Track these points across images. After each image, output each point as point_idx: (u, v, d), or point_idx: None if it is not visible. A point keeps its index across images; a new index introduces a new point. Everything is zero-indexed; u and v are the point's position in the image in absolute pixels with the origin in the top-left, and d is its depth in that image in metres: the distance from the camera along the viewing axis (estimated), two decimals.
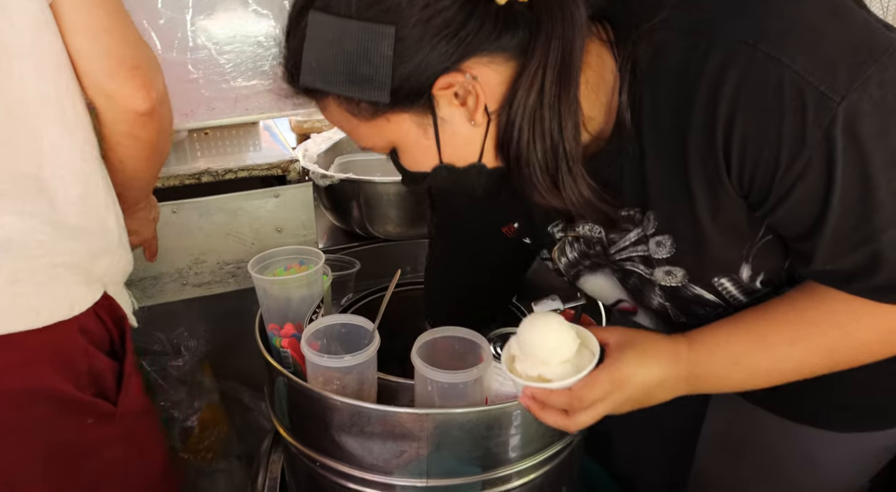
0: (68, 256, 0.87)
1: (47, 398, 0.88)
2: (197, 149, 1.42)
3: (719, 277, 0.83)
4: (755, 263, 0.82)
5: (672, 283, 0.86)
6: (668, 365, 0.83)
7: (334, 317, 1.00)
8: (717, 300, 0.87)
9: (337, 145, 1.65)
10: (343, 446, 0.95)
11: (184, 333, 1.62)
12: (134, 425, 0.99)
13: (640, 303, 0.95)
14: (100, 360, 0.93)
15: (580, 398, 0.81)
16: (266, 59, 1.40)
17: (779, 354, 0.81)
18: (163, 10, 1.28)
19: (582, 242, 0.93)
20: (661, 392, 0.84)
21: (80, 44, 0.85)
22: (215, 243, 1.33)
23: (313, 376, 0.95)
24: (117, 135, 0.93)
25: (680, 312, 0.92)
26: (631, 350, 0.83)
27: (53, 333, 0.86)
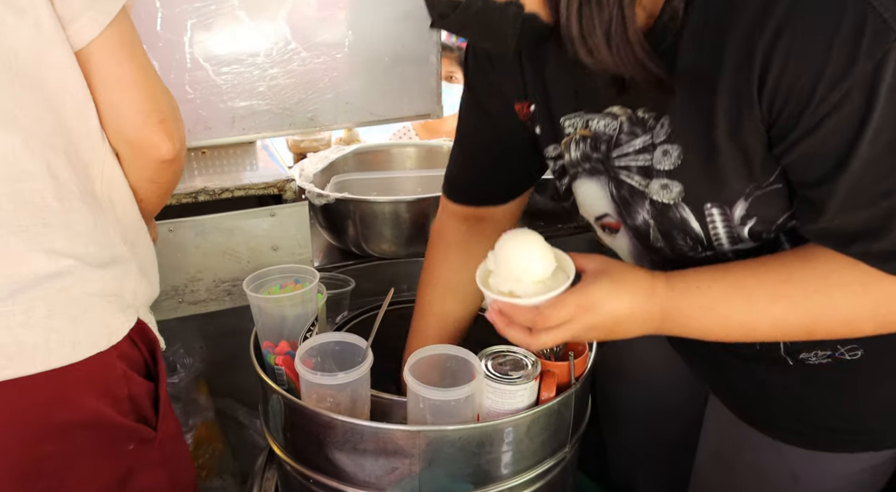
0: (99, 283, 0.88)
1: (92, 427, 0.89)
2: (194, 168, 1.44)
3: (712, 205, 0.81)
4: (752, 205, 0.80)
5: (665, 199, 0.84)
6: (641, 298, 0.81)
7: (328, 335, 1.01)
8: (699, 233, 0.85)
9: (333, 165, 1.67)
10: (336, 463, 0.96)
11: (179, 351, 1.62)
12: (171, 449, 1.00)
13: (624, 219, 0.93)
14: (139, 384, 0.94)
15: (545, 317, 0.80)
16: (263, 79, 1.42)
17: (757, 309, 0.79)
18: (161, 32, 1.30)
19: (589, 142, 0.91)
20: (631, 325, 0.83)
21: (111, 97, 0.86)
22: (211, 262, 1.34)
23: (307, 393, 0.96)
24: (140, 180, 0.95)
25: (661, 234, 0.89)
26: (606, 278, 0.82)
27: (94, 363, 0.87)
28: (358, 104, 1.50)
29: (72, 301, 0.85)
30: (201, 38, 1.34)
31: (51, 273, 0.83)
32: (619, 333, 0.84)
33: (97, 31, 0.83)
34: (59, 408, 0.86)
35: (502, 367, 0.97)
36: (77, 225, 0.86)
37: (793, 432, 0.99)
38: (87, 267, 0.86)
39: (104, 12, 0.83)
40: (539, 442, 0.98)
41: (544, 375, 0.98)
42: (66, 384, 0.85)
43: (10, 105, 0.79)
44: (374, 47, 1.47)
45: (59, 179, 0.84)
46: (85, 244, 0.87)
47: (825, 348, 0.91)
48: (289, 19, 1.39)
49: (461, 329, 1.16)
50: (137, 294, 0.95)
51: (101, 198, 0.90)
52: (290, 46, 1.40)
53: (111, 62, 0.85)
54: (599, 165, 0.92)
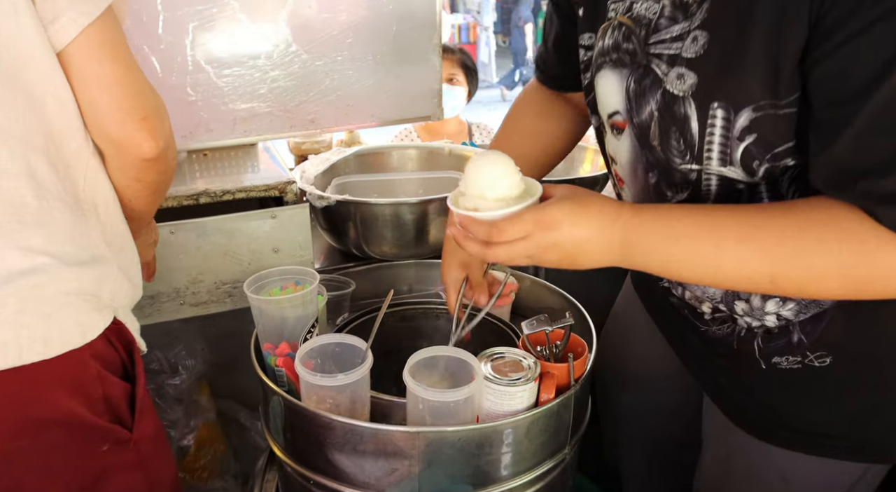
0: (76, 282, 0.88)
1: (64, 425, 0.88)
2: (196, 170, 1.45)
3: (719, 105, 0.79)
4: (758, 121, 0.77)
5: (676, 90, 0.82)
6: (602, 224, 0.81)
7: (328, 336, 1.01)
8: (695, 135, 0.83)
9: (334, 167, 1.67)
10: (336, 464, 0.96)
11: (181, 352, 1.63)
12: (147, 451, 0.99)
13: (632, 115, 0.91)
14: (114, 385, 0.93)
15: (501, 231, 0.81)
16: (264, 81, 1.43)
17: (723, 247, 0.77)
18: (163, 35, 1.31)
19: (624, 30, 0.90)
20: (591, 250, 0.82)
21: (91, 96, 0.86)
22: (213, 263, 1.34)
23: (307, 394, 0.96)
24: (125, 179, 0.95)
25: (659, 132, 0.87)
26: (569, 201, 0.82)
27: (67, 361, 0.86)
28: (359, 106, 1.51)
29: (46, 299, 0.85)
30: (203, 41, 1.35)
31: (24, 270, 0.83)
32: (579, 259, 0.83)
33: (77, 31, 0.83)
34: (31, 404, 0.85)
35: (502, 368, 0.97)
36: (55, 224, 0.86)
37: (777, 435, 0.99)
38: (63, 266, 0.86)
39: (84, 13, 0.83)
40: (538, 443, 0.99)
41: (543, 376, 0.98)
42: (38, 381, 0.85)
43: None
44: (374, 49, 1.47)
45: (38, 179, 0.84)
46: (62, 243, 0.87)
47: (795, 354, 0.92)
48: (290, 22, 1.39)
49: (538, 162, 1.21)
50: (116, 295, 0.95)
51: (83, 199, 0.90)
52: (291, 49, 1.41)
53: (92, 62, 0.85)
54: (626, 57, 0.90)
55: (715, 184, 0.85)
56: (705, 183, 0.85)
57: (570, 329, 1.03)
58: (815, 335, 0.90)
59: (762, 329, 0.94)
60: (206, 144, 1.43)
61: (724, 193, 0.85)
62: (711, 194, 0.86)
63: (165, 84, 1.35)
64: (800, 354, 0.92)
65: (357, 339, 1.00)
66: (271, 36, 1.39)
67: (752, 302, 0.92)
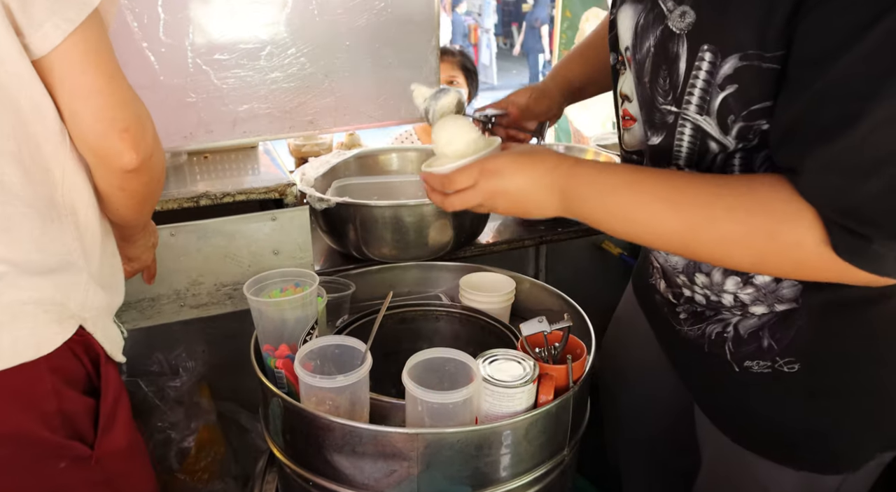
0: (36, 292, 0.85)
1: (14, 440, 0.85)
2: (196, 172, 1.45)
3: (707, 48, 0.80)
4: (742, 72, 0.78)
5: (676, 27, 0.83)
6: (543, 171, 0.88)
7: (328, 338, 1.01)
8: (681, 75, 0.84)
9: (334, 169, 1.67)
10: (335, 465, 0.96)
11: (182, 354, 1.63)
12: (116, 468, 0.96)
13: (635, 52, 0.93)
14: (73, 400, 0.90)
15: (451, 181, 0.92)
16: (264, 83, 1.43)
17: (639, 201, 0.82)
18: (163, 37, 1.31)
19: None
20: (534, 197, 0.89)
21: (72, 105, 0.85)
22: (213, 265, 1.34)
23: (306, 396, 0.97)
24: (108, 187, 0.93)
25: (651, 68, 0.89)
26: (516, 151, 0.90)
27: (18, 374, 0.83)
28: (357, 108, 1.51)
29: (2, 308, 0.82)
30: (202, 43, 1.35)
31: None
32: (527, 207, 0.91)
33: (61, 38, 0.81)
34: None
35: (500, 370, 0.97)
36: (20, 231, 0.84)
37: (754, 441, 0.99)
38: (22, 274, 0.84)
39: (67, 20, 0.81)
40: (537, 445, 0.99)
41: (542, 378, 0.98)
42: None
43: None
44: (373, 51, 1.48)
45: (4, 184, 0.82)
46: (26, 251, 0.85)
47: (765, 359, 0.92)
48: (289, 23, 1.40)
49: None
50: (87, 304, 0.92)
51: (60, 203, 0.88)
52: (290, 50, 1.41)
53: (75, 70, 0.83)
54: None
55: (689, 133, 0.86)
56: (679, 129, 0.87)
57: (569, 331, 1.03)
58: (785, 342, 0.90)
59: (731, 333, 0.94)
60: (206, 144, 1.44)
61: (696, 148, 0.86)
62: (684, 144, 0.87)
63: (166, 85, 1.36)
64: (770, 359, 0.92)
65: (356, 341, 1.00)
66: (271, 38, 1.39)
67: (713, 276, 0.93)
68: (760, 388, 0.95)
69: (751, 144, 0.82)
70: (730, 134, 0.83)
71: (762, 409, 0.96)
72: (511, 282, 1.34)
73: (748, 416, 0.99)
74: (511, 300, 1.33)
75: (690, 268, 0.96)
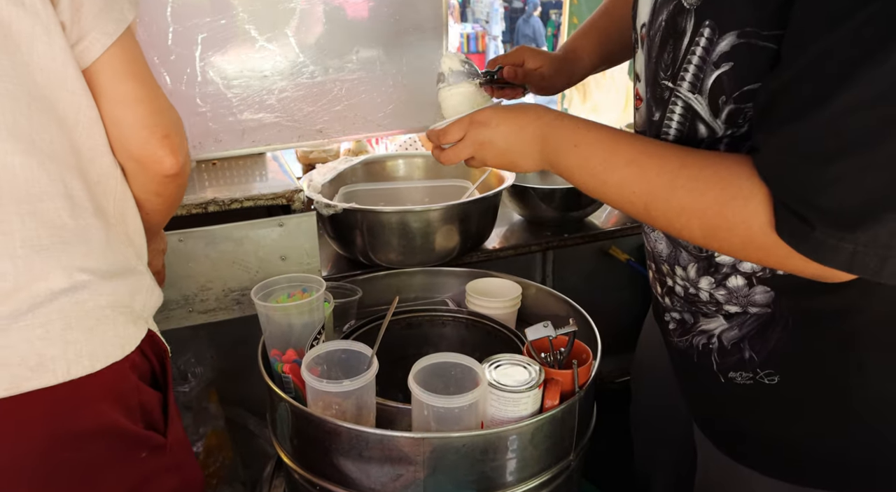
0: (112, 296, 0.90)
1: (106, 435, 0.90)
2: (205, 179, 1.46)
3: (708, 23, 0.79)
4: (739, 50, 0.77)
5: (688, 2, 0.81)
6: (526, 121, 0.93)
7: (334, 343, 1.02)
8: (682, 50, 0.83)
9: (341, 175, 1.68)
10: (342, 469, 0.97)
11: (191, 360, 1.64)
12: (181, 455, 1.02)
13: (650, 27, 0.91)
14: (148, 393, 0.96)
15: (445, 132, 1.00)
16: (272, 92, 1.44)
17: (610, 164, 0.84)
18: (173, 47, 1.33)
19: None
20: (519, 147, 0.94)
21: (115, 113, 0.89)
22: (221, 271, 1.35)
23: (313, 400, 0.97)
24: (144, 193, 0.97)
25: (658, 42, 0.88)
26: (505, 106, 0.96)
27: (110, 373, 0.89)
28: (366, 116, 1.52)
29: (87, 314, 0.87)
30: (212, 53, 1.37)
31: (66, 288, 0.86)
32: (514, 156, 0.95)
33: (101, 51, 0.86)
34: (76, 417, 0.87)
35: (506, 375, 0.98)
36: (92, 241, 0.89)
37: (744, 454, 0.98)
38: (100, 280, 0.89)
39: (107, 32, 0.86)
40: (543, 450, 0.99)
41: (548, 383, 0.99)
42: (84, 394, 0.87)
43: (27, 129, 0.82)
44: (381, 59, 1.49)
45: (73, 198, 0.87)
46: (97, 260, 0.89)
47: (747, 370, 0.92)
48: (297, 33, 1.41)
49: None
50: (147, 305, 0.98)
51: (112, 214, 0.93)
52: (298, 60, 1.43)
53: (116, 80, 0.88)
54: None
55: (679, 112, 0.86)
56: (671, 106, 0.87)
57: (574, 336, 1.04)
58: (764, 354, 0.90)
59: (716, 344, 0.94)
60: (216, 154, 1.45)
61: (685, 129, 0.86)
62: (673, 124, 0.88)
63: (175, 95, 1.37)
64: (751, 371, 0.92)
65: (363, 345, 1.01)
66: (279, 47, 1.41)
67: (689, 271, 0.94)
68: (744, 399, 0.95)
69: (739, 130, 0.81)
70: (720, 117, 0.82)
71: (747, 420, 0.96)
72: (517, 287, 1.34)
73: (734, 426, 0.99)
74: (517, 306, 1.33)
75: (672, 259, 0.97)
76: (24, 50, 0.81)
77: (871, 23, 0.62)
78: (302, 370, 0.96)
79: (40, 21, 0.81)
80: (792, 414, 0.92)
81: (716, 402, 1.00)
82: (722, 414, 1.01)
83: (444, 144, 1.02)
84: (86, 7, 0.84)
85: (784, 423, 0.92)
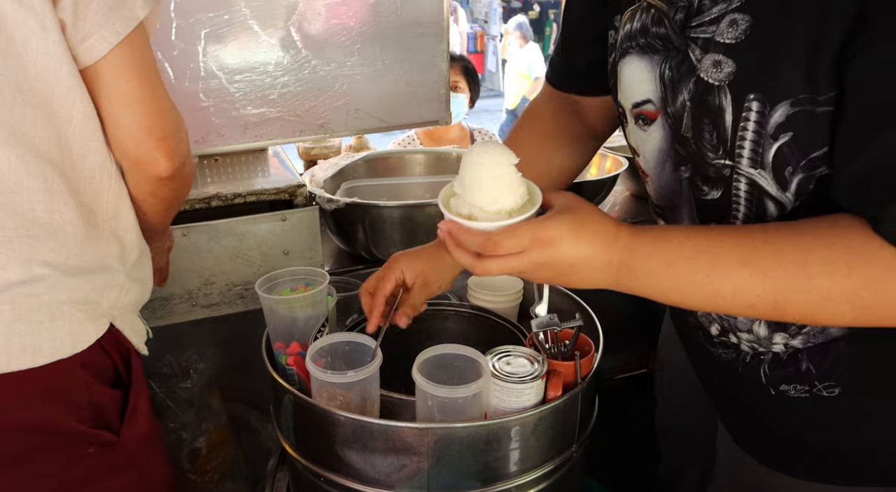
0: (74, 292, 0.89)
1: (44, 431, 0.89)
2: (207, 174, 1.47)
3: (755, 98, 0.75)
4: (794, 118, 0.73)
5: (712, 78, 0.78)
6: (601, 245, 0.76)
7: (339, 335, 1.03)
8: (728, 127, 0.78)
9: (343, 171, 1.69)
10: (346, 460, 0.97)
11: (193, 356, 1.64)
12: (139, 452, 1.00)
13: (666, 104, 0.86)
14: (101, 392, 0.95)
15: (496, 243, 0.76)
16: (275, 87, 1.45)
17: (721, 273, 0.73)
18: (176, 41, 1.33)
19: (654, 13, 0.85)
20: (587, 272, 0.77)
21: (114, 112, 0.89)
22: (224, 265, 1.36)
23: (318, 391, 0.98)
24: (140, 193, 0.98)
25: (692, 122, 0.83)
26: (570, 216, 0.77)
27: (53, 370, 0.88)
28: (368, 111, 1.53)
29: (39, 307, 0.87)
30: (214, 48, 1.37)
31: (23, 280, 0.85)
32: (573, 279, 0.79)
33: (106, 50, 0.86)
34: (13, 410, 0.87)
35: (509, 366, 0.98)
36: (64, 237, 0.88)
37: (792, 466, 0.97)
38: (63, 276, 0.88)
39: (114, 31, 0.86)
40: (546, 441, 1.00)
41: (551, 374, 0.99)
42: (23, 388, 0.87)
43: (9, 121, 0.82)
44: (383, 55, 1.49)
45: (53, 193, 0.86)
46: (67, 256, 0.88)
47: (803, 383, 0.89)
48: (299, 28, 1.42)
49: None
50: (119, 303, 0.96)
51: (105, 209, 0.93)
52: (301, 54, 1.43)
53: (119, 79, 0.88)
54: (657, 42, 0.85)
55: (744, 188, 0.81)
56: (735, 184, 0.81)
57: (579, 330, 1.04)
58: (825, 365, 0.87)
59: (769, 355, 0.91)
60: (218, 148, 1.46)
61: (752, 203, 0.81)
62: (741, 201, 0.82)
63: (178, 90, 1.38)
64: (808, 383, 0.89)
65: (367, 337, 1.01)
66: (281, 42, 1.41)
67: (758, 333, 0.90)
68: (798, 411, 0.92)
69: (810, 197, 0.78)
70: (789, 189, 0.78)
71: (798, 432, 0.94)
72: (519, 281, 1.35)
73: (780, 437, 0.97)
74: (519, 300, 1.34)
75: (730, 325, 0.92)
76: (17, 42, 0.81)
77: None
78: (307, 361, 0.96)
79: (35, 15, 0.81)
80: (854, 423, 0.90)
81: (759, 414, 0.98)
82: (766, 426, 0.98)
83: (492, 253, 0.78)
84: (94, 4, 0.84)
85: (842, 432, 0.90)
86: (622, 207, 1.96)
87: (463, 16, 11.52)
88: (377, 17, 1.46)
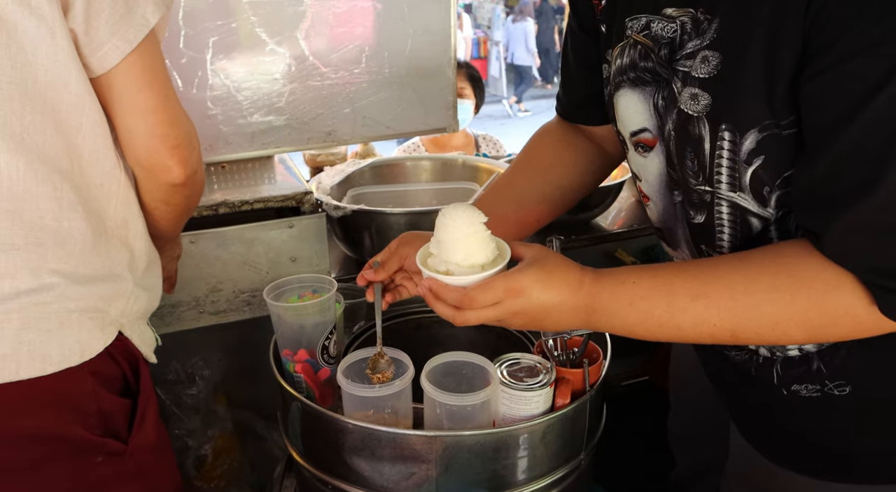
0: (83, 300, 0.89)
1: (52, 440, 0.89)
2: (214, 181, 1.47)
3: (725, 127, 0.80)
4: (764, 143, 0.78)
5: (691, 110, 0.83)
6: (568, 291, 0.83)
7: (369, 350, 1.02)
8: (706, 156, 0.83)
9: (349, 178, 1.69)
10: (354, 468, 0.97)
11: (198, 363, 1.64)
12: (146, 461, 1.00)
13: (662, 132, 0.91)
14: (110, 401, 0.94)
15: (472, 298, 0.84)
16: (282, 95, 1.45)
17: (677, 307, 0.79)
18: (184, 49, 1.34)
19: (640, 49, 0.90)
20: (558, 316, 0.84)
21: (127, 122, 0.90)
22: (231, 272, 1.36)
23: (349, 407, 0.97)
24: (152, 201, 0.98)
25: (675, 151, 0.88)
26: (538, 267, 0.84)
27: (63, 377, 0.88)
28: (375, 119, 1.53)
29: (48, 315, 0.86)
30: (222, 56, 1.38)
31: (32, 288, 0.85)
32: (546, 324, 0.86)
33: (119, 59, 0.86)
34: (23, 418, 0.87)
35: (517, 373, 0.98)
36: (73, 245, 0.88)
37: (802, 464, 0.97)
38: (72, 284, 0.88)
39: (127, 40, 0.86)
40: (554, 448, 1.00)
41: (559, 382, 0.99)
42: (32, 396, 0.86)
43: (18, 129, 0.82)
44: (390, 62, 1.50)
45: (61, 201, 0.86)
46: (76, 265, 0.89)
47: (814, 382, 0.91)
48: (307, 36, 1.42)
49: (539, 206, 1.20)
50: (127, 311, 0.96)
51: (113, 217, 0.93)
52: (308, 62, 1.44)
53: (132, 88, 0.88)
54: (647, 75, 0.90)
55: (727, 211, 0.86)
56: (717, 208, 0.86)
57: (588, 337, 1.04)
58: (835, 364, 0.89)
59: (781, 357, 0.93)
60: (226, 156, 1.46)
61: (737, 225, 0.86)
62: (724, 223, 0.87)
63: (186, 98, 1.38)
64: (819, 383, 0.90)
65: (400, 352, 1.01)
66: (289, 50, 1.41)
67: (773, 346, 0.92)
68: (810, 411, 0.93)
69: (790, 209, 0.82)
70: (769, 205, 0.82)
71: (810, 430, 0.95)
72: None
73: (793, 437, 0.97)
74: None
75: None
76: (28, 51, 0.81)
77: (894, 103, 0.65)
78: (338, 377, 0.96)
79: (46, 23, 0.81)
80: (866, 420, 0.91)
81: (772, 414, 0.99)
82: (779, 426, 0.99)
83: (469, 308, 0.85)
84: (106, 13, 0.84)
85: (857, 430, 0.91)
86: (627, 213, 1.96)
87: (468, 22, 11.54)
88: (384, 25, 1.46)
